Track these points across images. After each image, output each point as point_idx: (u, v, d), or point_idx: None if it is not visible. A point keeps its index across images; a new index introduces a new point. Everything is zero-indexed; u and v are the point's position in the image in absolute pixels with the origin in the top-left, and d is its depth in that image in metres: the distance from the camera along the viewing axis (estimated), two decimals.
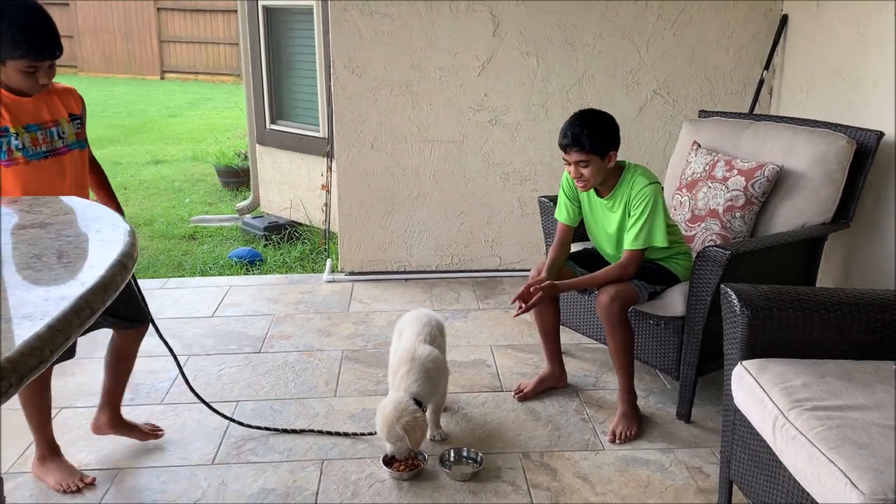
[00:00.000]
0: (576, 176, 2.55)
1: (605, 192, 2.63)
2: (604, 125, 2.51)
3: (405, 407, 2.29)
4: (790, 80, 3.81)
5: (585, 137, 2.45)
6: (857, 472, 1.51)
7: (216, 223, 6.18)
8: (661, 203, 2.54)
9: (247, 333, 3.44)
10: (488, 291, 4.01)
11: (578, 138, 2.46)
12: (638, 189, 2.53)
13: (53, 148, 2.13)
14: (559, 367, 2.93)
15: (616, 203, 2.60)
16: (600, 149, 2.48)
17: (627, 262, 2.57)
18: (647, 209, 2.51)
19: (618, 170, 2.60)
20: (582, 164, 2.50)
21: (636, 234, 2.53)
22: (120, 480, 2.35)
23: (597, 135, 2.47)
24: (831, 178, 2.79)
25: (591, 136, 2.46)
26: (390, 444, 2.33)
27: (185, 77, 17.33)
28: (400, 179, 4.07)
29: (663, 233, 2.54)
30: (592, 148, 2.46)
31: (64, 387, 2.92)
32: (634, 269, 2.58)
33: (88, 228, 1.30)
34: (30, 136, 2.07)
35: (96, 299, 1.01)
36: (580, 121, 2.49)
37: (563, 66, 3.95)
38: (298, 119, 5.60)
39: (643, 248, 2.55)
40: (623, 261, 2.58)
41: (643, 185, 2.53)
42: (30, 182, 2.08)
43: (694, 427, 2.68)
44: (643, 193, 2.52)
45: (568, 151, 2.50)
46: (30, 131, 2.07)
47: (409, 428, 2.27)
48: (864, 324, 2.03)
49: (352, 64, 3.86)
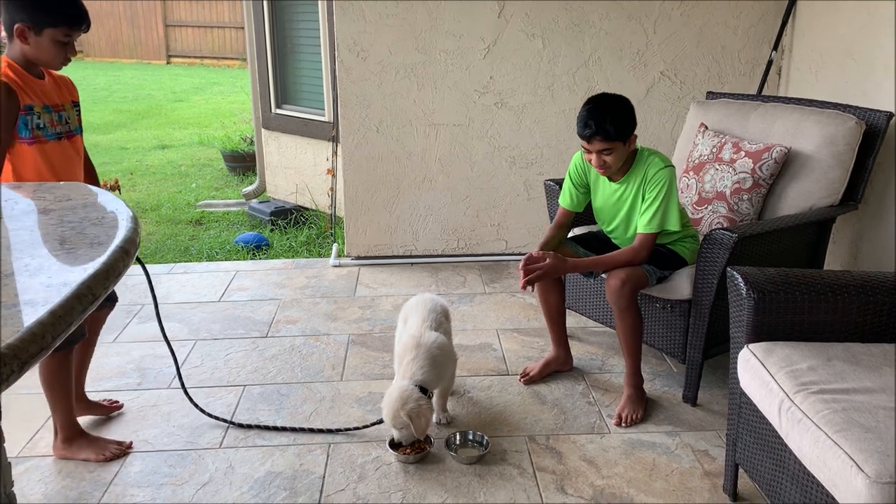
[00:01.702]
0: (598, 164, 2.51)
1: (618, 177, 2.61)
2: (623, 110, 2.46)
3: (410, 394, 2.30)
4: (799, 60, 3.77)
5: (609, 125, 2.41)
6: (863, 455, 1.51)
7: (222, 208, 6.19)
8: (675, 186, 2.53)
9: (253, 318, 3.45)
10: (494, 275, 4.00)
11: (602, 126, 2.41)
12: (654, 172, 2.51)
13: (65, 130, 2.18)
14: (565, 350, 2.92)
15: (629, 186, 2.58)
16: (623, 134, 2.44)
17: (640, 247, 2.55)
18: (663, 192, 2.49)
19: (631, 153, 2.57)
20: (605, 153, 2.46)
21: (650, 218, 2.51)
22: (129, 464, 2.37)
23: (619, 121, 2.43)
24: (840, 159, 2.76)
25: (614, 122, 2.41)
26: (395, 431, 2.34)
27: (191, 61, 17.30)
28: (405, 163, 4.06)
29: (677, 216, 2.53)
30: (616, 134, 2.42)
31: None
32: (647, 253, 2.56)
33: (91, 214, 1.30)
34: (48, 116, 2.11)
35: (98, 285, 1.01)
36: (599, 108, 2.43)
37: (570, 48, 3.91)
38: (304, 103, 5.58)
39: (657, 231, 2.53)
40: (636, 244, 2.56)
41: (659, 168, 2.51)
42: (53, 161, 2.13)
43: (700, 410, 2.68)
44: (659, 176, 2.50)
45: (591, 141, 2.45)
46: (47, 112, 2.11)
47: (413, 415, 2.28)
48: (872, 306, 2.02)
49: (356, 47, 3.84)
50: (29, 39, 2.01)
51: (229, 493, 2.23)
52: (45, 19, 1.98)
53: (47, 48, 2.03)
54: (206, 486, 2.26)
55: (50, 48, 2.03)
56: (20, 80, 2.05)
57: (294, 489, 2.24)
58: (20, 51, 2.04)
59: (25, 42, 2.02)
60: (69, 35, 2.03)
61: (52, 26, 1.99)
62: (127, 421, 2.61)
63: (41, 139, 2.09)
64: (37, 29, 1.99)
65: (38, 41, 2.01)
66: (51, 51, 2.03)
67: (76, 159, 2.24)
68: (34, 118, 2.06)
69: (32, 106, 2.06)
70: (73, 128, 2.22)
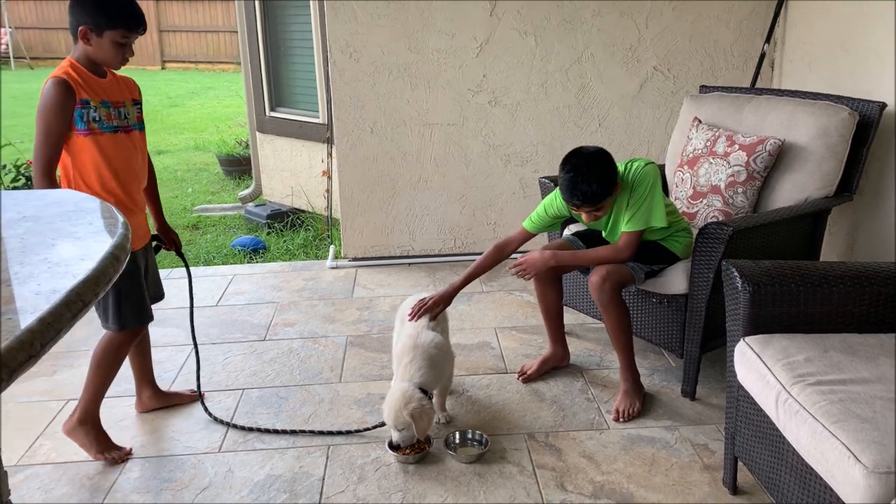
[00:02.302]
0: (590, 220, 2.53)
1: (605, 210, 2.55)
2: (604, 168, 2.42)
3: (412, 395, 2.30)
4: (792, 52, 3.77)
5: (596, 188, 2.39)
6: (860, 445, 1.51)
7: (219, 212, 6.18)
8: (658, 183, 2.51)
9: (251, 321, 3.45)
10: (492, 274, 3.97)
11: (588, 195, 2.39)
12: (637, 168, 2.50)
13: (122, 125, 2.30)
14: (562, 347, 2.92)
15: (617, 210, 2.56)
16: (610, 190, 2.43)
17: (624, 245, 2.53)
18: (646, 190, 2.47)
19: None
20: (596, 211, 2.47)
21: (633, 216, 2.49)
22: (127, 470, 2.37)
23: (603, 181, 2.40)
24: (833, 150, 2.76)
25: (599, 185, 2.39)
26: (396, 433, 2.33)
27: (186, 66, 17.29)
28: (400, 164, 4.05)
29: (662, 212, 2.50)
30: (604, 194, 2.42)
31: (70, 379, 2.94)
32: (631, 251, 2.53)
33: (81, 220, 1.30)
34: (105, 110, 2.25)
35: (88, 292, 1.00)
36: (581, 174, 2.38)
37: (562, 45, 3.91)
38: (298, 106, 5.58)
39: (641, 229, 2.51)
40: (620, 243, 2.54)
41: (643, 165, 2.50)
42: (108, 152, 2.26)
43: (699, 404, 2.68)
44: (644, 172, 2.49)
45: (580, 209, 2.47)
46: (105, 107, 2.25)
47: (415, 415, 2.28)
48: (868, 297, 2.02)
49: (349, 48, 3.84)
50: (91, 41, 2.17)
51: (229, 496, 2.23)
52: (106, 22, 2.15)
53: (107, 49, 2.19)
54: (205, 491, 2.26)
55: (109, 49, 2.19)
56: (80, 78, 2.19)
57: (294, 491, 2.24)
58: (83, 52, 2.20)
59: (88, 43, 2.18)
60: (127, 37, 2.19)
61: (111, 28, 2.16)
62: (126, 426, 2.61)
63: (96, 131, 2.22)
64: (98, 31, 2.16)
65: (99, 42, 2.17)
66: (110, 51, 2.19)
67: (133, 152, 2.37)
68: (90, 111, 2.20)
69: (89, 100, 2.20)
70: (131, 123, 2.35)
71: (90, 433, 2.42)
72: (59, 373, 2.99)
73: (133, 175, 2.38)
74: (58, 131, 2.17)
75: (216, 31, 17.28)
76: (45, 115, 2.15)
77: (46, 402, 2.78)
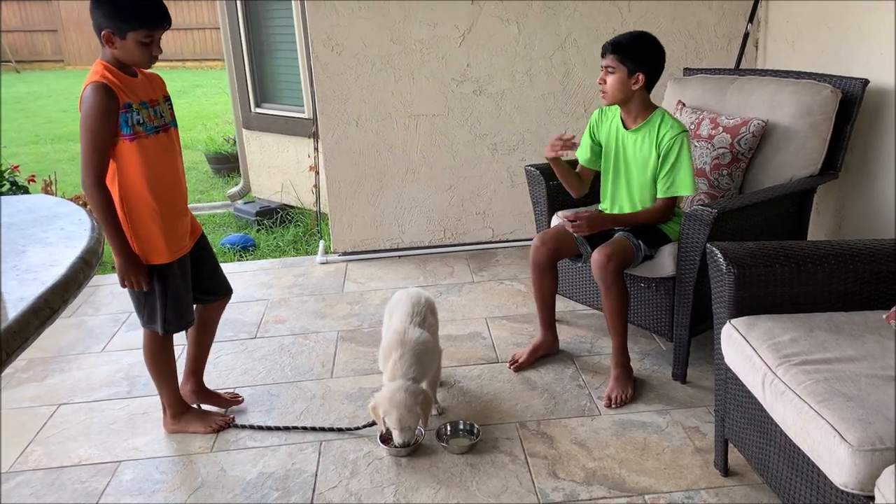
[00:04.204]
0: (600, 82, 2.58)
1: (632, 124, 2.65)
2: (648, 47, 2.54)
3: (414, 389, 2.30)
4: (775, 32, 3.75)
5: (624, 46, 2.50)
6: (846, 423, 1.51)
7: (208, 210, 6.15)
8: (690, 152, 2.59)
9: (242, 320, 3.44)
10: (482, 264, 4.00)
11: (618, 44, 2.51)
12: (673, 134, 2.55)
13: (161, 124, 2.28)
14: (552, 333, 2.92)
15: (642, 137, 2.62)
16: (631, 63, 2.50)
17: (663, 208, 2.64)
18: (682, 157, 2.55)
19: (649, 107, 2.62)
20: (609, 70, 2.53)
21: (670, 184, 2.58)
22: (120, 473, 2.36)
23: (637, 47, 2.51)
24: (817, 129, 2.76)
25: (629, 47, 2.50)
26: (399, 432, 2.30)
27: (173, 65, 17.16)
28: (387, 156, 4.04)
29: (691, 181, 2.58)
30: (626, 54, 2.50)
31: (61, 383, 2.93)
32: (666, 216, 2.66)
33: (52, 225, 1.29)
34: (146, 112, 2.21)
35: (56, 299, 1.00)
36: (631, 34, 2.55)
37: (545, 32, 3.89)
38: (283, 101, 5.55)
39: (675, 196, 2.60)
40: (657, 208, 2.64)
41: (678, 132, 2.55)
42: (151, 155, 2.22)
43: (690, 387, 2.68)
44: (678, 140, 2.54)
45: (604, 56, 2.54)
46: (144, 108, 2.21)
47: (424, 407, 2.29)
48: (852, 275, 2.02)
49: (331, 42, 3.81)
50: (116, 44, 2.12)
51: (222, 496, 2.23)
52: (126, 25, 2.09)
53: (133, 50, 2.13)
54: (198, 491, 2.25)
55: (135, 49, 2.13)
56: (117, 80, 2.14)
57: (286, 489, 2.24)
58: (111, 54, 2.15)
59: (113, 46, 2.13)
60: (151, 36, 2.13)
61: (133, 30, 2.10)
62: (117, 429, 2.60)
63: (141, 134, 2.18)
64: (120, 34, 2.10)
65: (123, 44, 2.12)
66: (136, 52, 2.14)
67: (172, 151, 2.33)
68: (133, 115, 2.16)
69: (131, 103, 2.15)
70: (167, 121, 2.31)
71: (189, 420, 2.55)
72: (49, 378, 2.98)
73: (179, 175, 2.37)
74: (105, 138, 2.12)
75: (202, 29, 17.15)
76: (91, 122, 2.09)
77: (37, 407, 2.77)
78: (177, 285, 2.34)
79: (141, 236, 2.25)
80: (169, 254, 2.30)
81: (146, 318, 2.37)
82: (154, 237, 2.26)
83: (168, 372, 2.50)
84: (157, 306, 2.33)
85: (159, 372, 2.49)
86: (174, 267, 2.32)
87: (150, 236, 2.26)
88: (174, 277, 2.33)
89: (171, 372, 2.51)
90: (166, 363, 2.48)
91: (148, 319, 2.37)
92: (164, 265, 2.30)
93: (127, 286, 2.28)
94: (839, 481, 1.50)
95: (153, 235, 2.26)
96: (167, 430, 2.56)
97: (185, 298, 2.39)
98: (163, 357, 2.46)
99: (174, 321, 2.36)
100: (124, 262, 2.22)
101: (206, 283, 2.53)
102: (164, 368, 2.49)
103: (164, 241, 2.28)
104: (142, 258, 2.26)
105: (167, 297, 2.33)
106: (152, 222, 2.25)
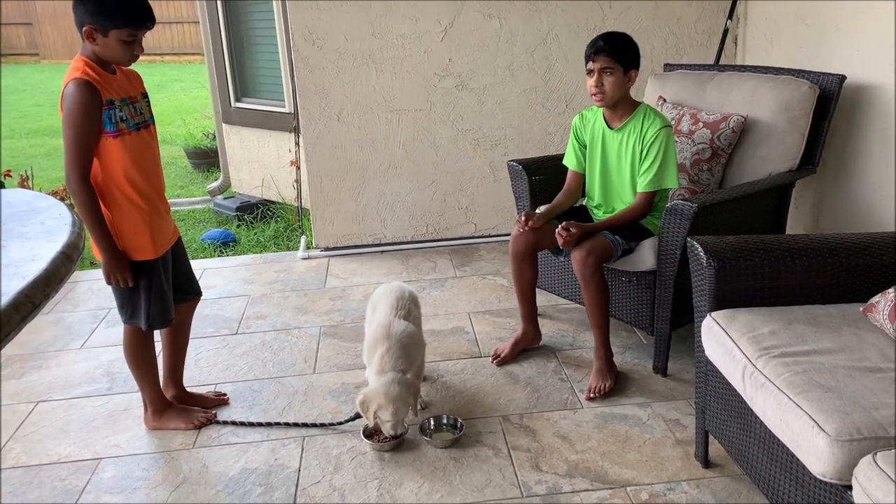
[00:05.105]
0: (596, 85, 2.59)
1: (617, 123, 2.68)
2: (631, 43, 2.60)
3: (406, 381, 2.31)
4: (754, 28, 3.79)
5: (618, 45, 2.55)
6: (824, 414, 1.53)
7: (188, 206, 6.10)
8: (673, 146, 2.62)
9: (222, 315, 3.42)
10: (465, 259, 4.00)
11: (611, 42, 2.55)
12: (656, 129, 2.58)
13: (141, 121, 2.26)
14: (534, 327, 2.94)
15: (627, 135, 2.65)
16: (626, 61, 2.56)
17: (643, 204, 2.65)
18: (661, 152, 2.57)
19: (632, 104, 2.66)
20: (607, 72, 2.56)
21: (651, 178, 2.60)
22: (101, 470, 2.34)
23: (625, 47, 2.57)
24: (795, 124, 2.79)
25: (620, 46, 2.56)
26: (391, 424, 2.30)
27: (152, 59, 16.97)
28: (369, 151, 4.03)
29: (675, 175, 2.62)
30: (621, 55, 2.55)
31: (39, 380, 2.89)
32: (647, 209, 2.67)
33: (32, 220, 1.27)
34: (128, 109, 2.20)
35: (38, 293, 0.98)
36: (614, 34, 2.60)
37: (527, 27, 3.90)
38: (263, 95, 5.51)
39: (655, 190, 2.63)
40: (637, 203, 2.66)
41: (660, 127, 2.58)
42: (134, 152, 2.20)
43: (670, 380, 2.71)
44: (660, 135, 2.57)
45: (595, 58, 2.56)
46: (125, 105, 2.19)
47: (413, 397, 2.34)
48: (830, 268, 2.05)
49: (311, 36, 3.79)
50: (97, 40, 2.09)
51: (204, 493, 2.21)
52: (109, 22, 2.06)
53: (114, 48, 2.11)
54: (180, 488, 2.24)
55: (117, 47, 2.11)
56: (98, 77, 2.11)
57: (269, 484, 2.23)
58: (91, 50, 2.12)
59: (94, 43, 2.10)
60: (134, 35, 2.11)
61: (116, 28, 2.07)
62: (97, 427, 2.58)
63: (124, 131, 2.17)
64: (103, 31, 2.08)
65: (105, 42, 2.09)
66: (118, 50, 2.11)
67: (153, 147, 2.33)
68: (116, 111, 2.14)
69: (113, 100, 2.13)
70: (147, 118, 2.30)
71: (171, 417, 2.53)
72: (27, 375, 2.95)
73: (159, 173, 2.36)
74: (90, 135, 2.10)
75: (181, 23, 16.97)
76: (75, 119, 2.07)
77: (15, 405, 2.73)
78: (161, 282, 2.32)
79: (126, 233, 2.23)
80: (154, 250, 2.28)
81: (129, 314, 2.35)
82: (140, 234, 2.25)
83: (149, 368, 2.48)
84: (142, 303, 2.31)
85: (140, 368, 2.47)
86: (159, 263, 2.31)
87: (136, 233, 2.24)
88: (158, 274, 2.31)
89: (152, 368, 2.49)
90: (147, 359, 2.46)
91: (131, 315, 2.34)
92: (149, 261, 2.28)
93: (112, 283, 2.26)
94: (817, 471, 1.52)
95: (139, 232, 2.24)
96: (148, 426, 2.54)
97: (168, 295, 2.37)
98: (144, 353, 2.45)
99: (158, 317, 2.35)
100: (110, 259, 2.20)
101: (182, 282, 2.51)
102: (145, 365, 2.47)
103: (150, 237, 2.26)
104: (126, 255, 2.24)
105: (151, 293, 2.31)
106: (139, 219, 2.23)
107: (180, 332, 2.59)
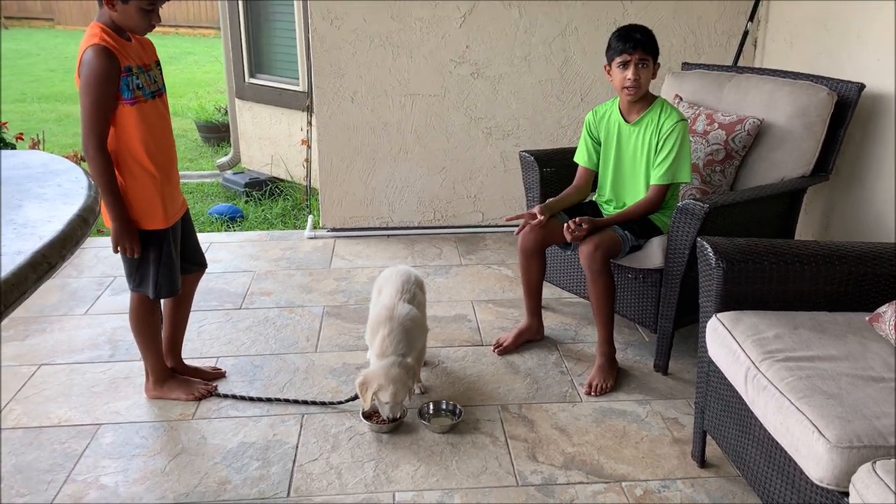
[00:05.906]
0: (633, 78, 2.57)
1: (634, 116, 2.68)
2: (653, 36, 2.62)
3: (407, 364, 2.32)
4: (775, 31, 3.77)
5: (651, 38, 2.56)
6: (825, 420, 1.54)
7: (197, 179, 6.11)
8: (688, 140, 2.63)
9: (227, 290, 3.43)
10: (471, 247, 4.00)
11: (647, 35, 2.55)
12: (672, 122, 2.59)
13: (155, 89, 2.26)
14: (538, 320, 2.94)
15: (644, 128, 2.66)
16: (657, 53, 2.59)
17: (655, 197, 2.65)
18: (677, 146, 2.58)
19: (650, 97, 2.67)
20: (643, 64, 2.56)
21: (665, 170, 2.61)
22: (100, 436, 2.36)
23: (655, 40, 2.59)
24: (811, 130, 2.78)
25: (653, 38, 2.57)
26: (389, 406, 2.31)
27: (166, 30, 16.92)
28: (381, 134, 4.02)
29: (689, 169, 2.62)
30: (654, 50, 2.57)
31: (42, 344, 2.91)
32: (659, 203, 2.67)
33: (49, 181, 1.28)
34: (144, 76, 2.20)
35: (54, 254, 0.99)
36: (639, 27, 2.58)
37: (547, 18, 3.88)
38: (278, 72, 5.50)
39: (669, 183, 2.63)
40: (650, 196, 2.66)
41: (676, 120, 2.59)
42: (149, 119, 2.21)
43: (671, 379, 2.71)
44: (676, 129, 2.58)
45: (633, 52, 2.54)
46: (141, 72, 2.19)
47: (413, 380, 2.35)
48: (839, 276, 2.04)
49: (330, 15, 3.78)
50: (116, 7, 2.08)
51: (202, 464, 2.23)
52: None
53: (133, 15, 2.10)
54: (178, 457, 2.26)
55: (136, 15, 2.10)
56: (116, 44, 2.11)
57: (266, 459, 2.25)
58: (108, 16, 2.11)
59: (113, 9, 2.09)
60: (153, 4, 2.10)
61: None
62: (98, 392, 2.59)
63: (140, 99, 2.17)
64: None
65: (124, 9, 2.08)
66: (136, 18, 2.11)
67: (167, 116, 2.33)
68: (133, 79, 2.14)
69: (131, 67, 2.13)
70: (160, 86, 2.30)
71: (172, 387, 2.54)
72: (30, 338, 2.96)
73: (172, 142, 2.36)
74: (107, 102, 2.10)
75: None
76: (92, 86, 2.07)
77: (17, 367, 2.75)
78: (170, 251, 2.33)
79: (139, 202, 2.23)
80: (165, 219, 2.29)
81: (137, 283, 2.35)
82: (153, 203, 2.25)
83: (153, 337, 2.49)
84: (150, 271, 2.32)
85: (145, 336, 2.48)
86: (169, 233, 2.31)
87: (148, 202, 2.25)
88: (168, 243, 2.32)
89: (156, 337, 2.50)
90: (152, 328, 2.47)
91: (139, 283, 2.35)
92: (159, 231, 2.29)
93: (119, 252, 2.27)
94: (815, 476, 1.53)
95: (152, 201, 2.25)
96: (149, 395, 2.55)
97: (176, 265, 2.38)
98: (149, 322, 2.46)
99: (166, 286, 2.36)
100: (120, 227, 2.20)
101: (189, 253, 2.52)
102: (150, 333, 2.48)
103: (161, 206, 2.27)
104: (137, 224, 2.24)
105: (161, 262, 2.32)
106: (152, 187, 2.24)
107: (183, 304, 2.60)
